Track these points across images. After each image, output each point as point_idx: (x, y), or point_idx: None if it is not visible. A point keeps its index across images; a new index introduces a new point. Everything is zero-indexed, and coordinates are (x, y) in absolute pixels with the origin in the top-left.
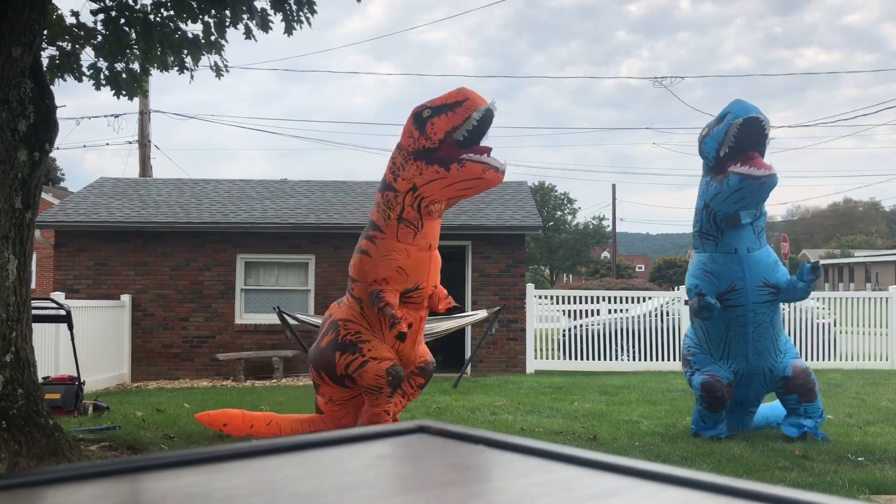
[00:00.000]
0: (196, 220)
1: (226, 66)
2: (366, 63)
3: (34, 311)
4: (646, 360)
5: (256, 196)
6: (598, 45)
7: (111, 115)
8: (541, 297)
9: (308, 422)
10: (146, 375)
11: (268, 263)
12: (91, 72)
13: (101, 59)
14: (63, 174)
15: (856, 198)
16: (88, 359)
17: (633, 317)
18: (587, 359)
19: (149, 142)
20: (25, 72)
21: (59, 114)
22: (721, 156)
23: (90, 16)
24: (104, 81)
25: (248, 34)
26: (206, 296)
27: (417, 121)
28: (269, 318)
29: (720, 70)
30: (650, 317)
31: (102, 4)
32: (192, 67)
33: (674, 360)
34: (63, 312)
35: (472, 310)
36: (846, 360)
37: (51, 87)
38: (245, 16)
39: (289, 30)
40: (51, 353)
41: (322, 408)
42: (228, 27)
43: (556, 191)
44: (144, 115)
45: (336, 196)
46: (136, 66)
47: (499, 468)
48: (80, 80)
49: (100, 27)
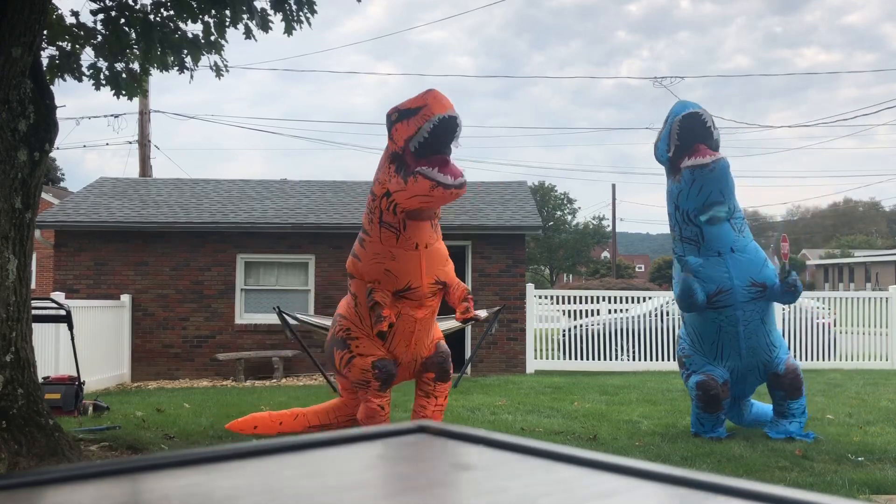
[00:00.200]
0: (196, 220)
1: (226, 66)
2: (366, 63)
3: (34, 311)
4: (646, 360)
5: (256, 196)
6: (598, 45)
7: (111, 115)
8: (541, 297)
9: (332, 410)
10: (146, 375)
11: (268, 263)
12: (91, 72)
13: (101, 59)
14: (63, 174)
15: (856, 198)
16: (88, 359)
17: (633, 317)
18: (587, 359)
19: (149, 142)
20: (25, 72)
21: (59, 114)
22: (672, 156)
23: (90, 16)
24: (104, 81)
25: (248, 34)
26: (206, 296)
27: (387, 124)
28: (269, 318)
29: (720, 70)
30: (650, 317)
31: (102, 4)
32: (192, 67)
33: (674, 360)
34: (63, 312)
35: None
36: (846, 360)
37: (51, 87)
38: (245, 16)
39: (289, 30)
40: (51, 353)
41: (342, 393)
42: (228, 27)
43: (556, 191)
44: (144, 115)
45: (336, 196)
46: (136, 66)
47: (499, 468)
48: (80, 80)
49: (100, 27)
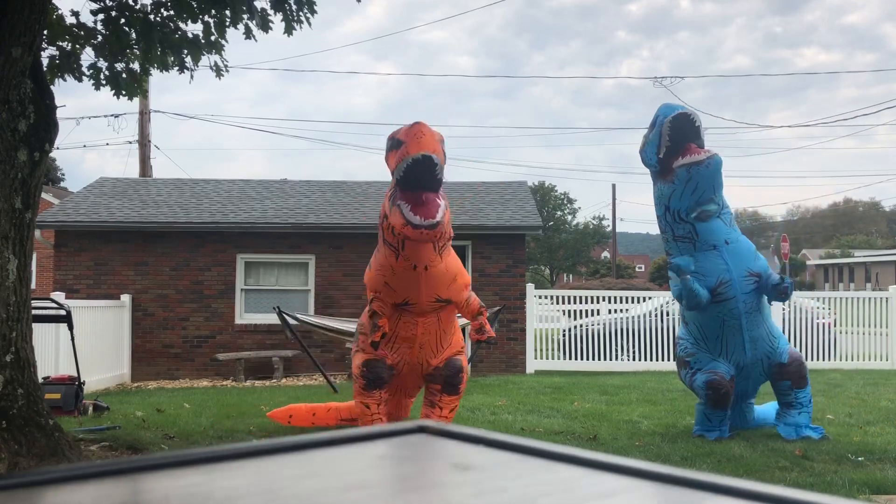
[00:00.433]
0: (196, 220)
1: (226, 66)
2: (366, 63)
3: (34, 311)
4: (646, 360)
5: (256, 196)
6: (598, 45)
7: (111, 115)
8: (541, 297)
9: None
10: (146, 375)
11: (268, 263)
12: (91, 72)
13: (101, 59)
14: (63, 174)
15: (856, 198)
16: (88, 359)
17: (633, 317)
18: (587, 359)
19: (149, 142)
20: (25, 72)
21: (59, 114)
22: (662, 157)
23: (90, 16)
24: (104, 81)
25: (248, 34)
26: (206, 296)
27: (386, 147)
28: (269, 318)
29: (720, 70)
30: (650, 317)
31: (102, 4)
32: (192, 67)
33: (674, 360)
34: (63, 312)
35: None
36: (846, 360)
37: (51, 87)
38: (245, 16)
39: (289, 30)
40: (51, 353)
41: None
42: (228, 27)
43: (556, 191)
44: (144, 115)
45: (336, 196)
46: (136, 66)
47: (499, 468)
48: (80, 80)
49: (100, 27)
